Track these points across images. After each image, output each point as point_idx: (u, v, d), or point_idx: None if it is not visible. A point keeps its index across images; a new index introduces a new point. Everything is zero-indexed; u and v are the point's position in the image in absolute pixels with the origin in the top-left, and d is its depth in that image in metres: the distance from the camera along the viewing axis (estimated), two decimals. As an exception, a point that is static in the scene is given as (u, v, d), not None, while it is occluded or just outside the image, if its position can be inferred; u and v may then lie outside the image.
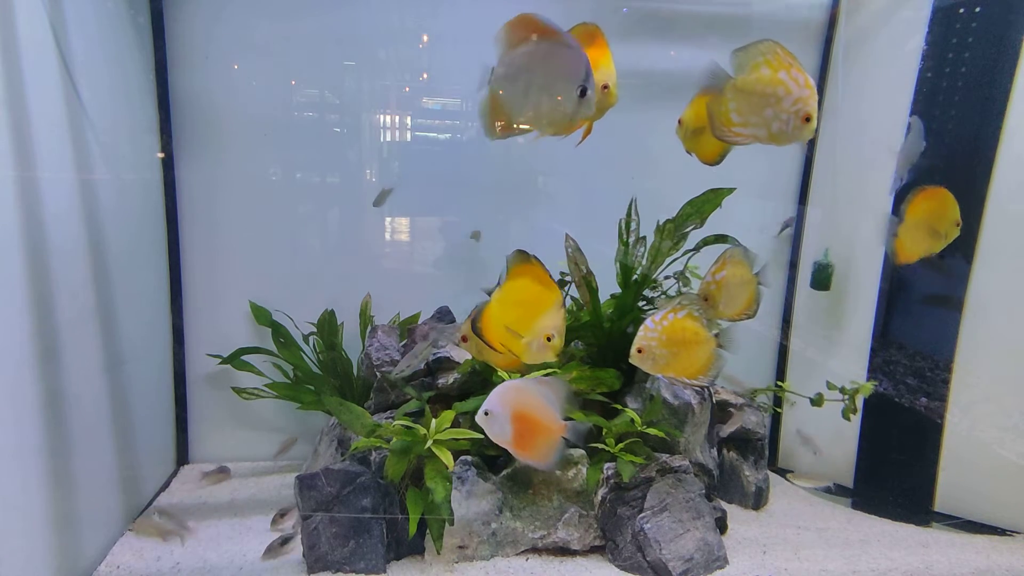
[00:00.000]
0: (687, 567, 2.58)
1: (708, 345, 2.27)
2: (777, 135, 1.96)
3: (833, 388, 3.19)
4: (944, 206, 2.46)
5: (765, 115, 1.94)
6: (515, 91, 1.93)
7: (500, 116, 1.99)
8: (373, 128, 3.53)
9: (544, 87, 1.90)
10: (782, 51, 1.94)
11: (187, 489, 3.31)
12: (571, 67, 1.87)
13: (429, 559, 2.64)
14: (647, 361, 2.25)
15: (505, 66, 1.93)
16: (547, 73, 1.90)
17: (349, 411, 2.84)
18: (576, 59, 1.88)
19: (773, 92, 1.92)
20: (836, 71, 3.60)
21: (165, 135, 3.26)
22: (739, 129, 2.00)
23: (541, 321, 2.04)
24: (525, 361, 2.09)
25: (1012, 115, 2.98)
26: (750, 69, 1.95)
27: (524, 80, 1.91)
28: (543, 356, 2.06)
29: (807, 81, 1.92)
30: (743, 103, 1.97)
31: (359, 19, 3.38)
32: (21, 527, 2.15)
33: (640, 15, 3.56)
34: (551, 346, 2.03)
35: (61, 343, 2.37)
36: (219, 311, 3.50)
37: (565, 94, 1.88)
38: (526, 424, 2.09)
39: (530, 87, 1.91)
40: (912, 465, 3.36)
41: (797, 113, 1.91)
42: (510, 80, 1.92)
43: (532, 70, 1.90)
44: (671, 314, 2.26)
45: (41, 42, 2.31)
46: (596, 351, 3.13)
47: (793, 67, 1.92)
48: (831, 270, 3.53)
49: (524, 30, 1.91)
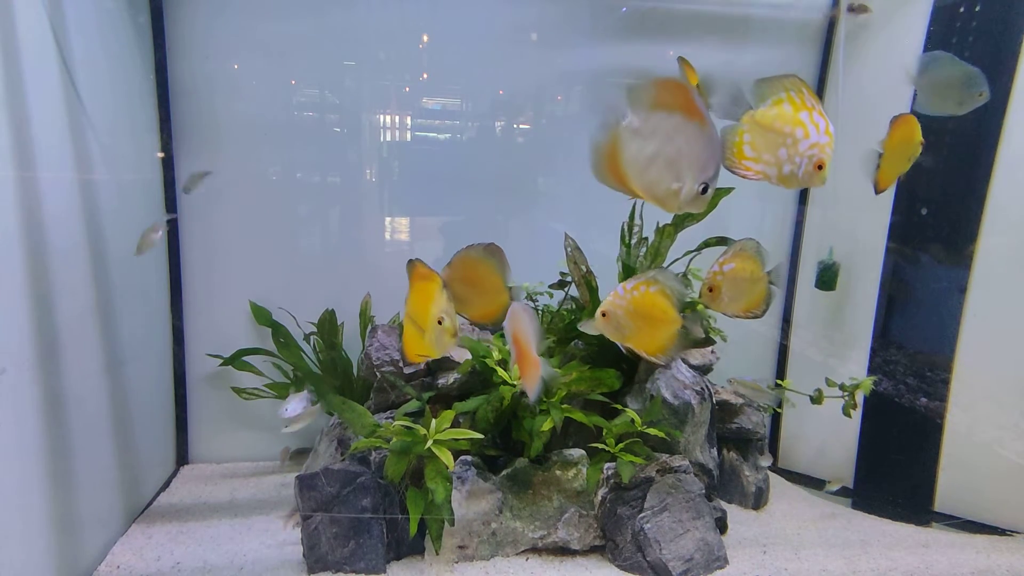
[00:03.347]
0: (687, 567, 2.58)
1: (673, 325, 2.26)
2: (787, 177, 1.91)
3: (832, 385, 3.18)
4: (913, 130, 2.49)
5: (779, 154, 1.89)
6: (640, 155, 1.82)
7: (615, 166, 1.89)
8: (373, 128, 3.53)
9: (671, 166, 1.80)
10: (807, 90, 1.88)
11: (187, 489, 3.31)
12: (704, 159, 1.78)
13: (429, 559, 2.64)
14: (610, 327, 2.24)
15: (641, 124, 1.81)
16: (680, 154, 1.79)
17: (352, 410, 2.84)
18: (713, 152, 1.79)
19: (791, 132, 1.87)
20: (836, 71, 3.60)
21: (165, 135, 3.26)
22: (750, 164, 1.95)
23: (431, 312, 2.12)
24: (435, 353, 2.16)
25: (1012, 115, 2.98)
26: (772, 103, 1.90)
27: (654, 149, 1.80)
28: (443, 341, 2.12)
29: (828, 128, 1.86)
30: (759, 138, 1.92)
31: (359, 19, 3.38)
32: (21, 527, 2.15)
33: (639, 14, 3.56)
34: (445, 329, 2.10)
35: (61, 343, 2.37)
36: (219, 311, 3.49)
37: (687, 183, 1.79)
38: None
39: (657, 159, 1.81)
40: (912, 465, 3.36)
41: (811, 158, 1.86)
42: (641, 140, 1.82)
43: (667, 143, 1.79)
44: (643, 286, 2.23)
45: (41, 42, 2.31)
46: (596, 351, 3.13)
47: (815, 110, 1.86)
48: (836, 270, 3.53)
49: (672, 96, 1.79)
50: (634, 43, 3.57)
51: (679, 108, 1.77)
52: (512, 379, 2.75)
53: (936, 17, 3.16)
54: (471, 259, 2.40)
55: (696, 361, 3.22)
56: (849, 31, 3.53)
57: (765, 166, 1.93)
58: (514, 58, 3.58)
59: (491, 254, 2.40)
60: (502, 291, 2.39)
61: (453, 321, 2.13)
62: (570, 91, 3.70)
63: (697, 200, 1.81)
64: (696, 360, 3.22)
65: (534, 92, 3.64)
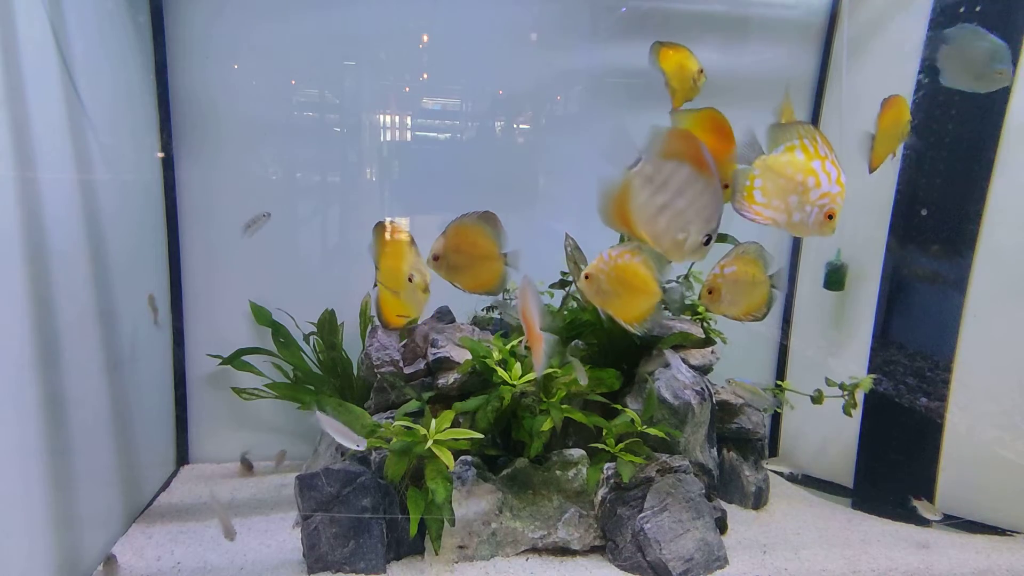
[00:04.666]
0: (687, 567, 2.58)
1: (653, 297, 2.26)
2: (796, 225, 1.91)
3: (832, 384, 3.17)
4: (902, 111, 2.51)
5: (789, 201, 1.90)
6: (651, 204, 1.87)
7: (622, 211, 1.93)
8: (373, 128, 3.53)
9: (678, 217, 1.85)
10: (821, 138, 1.88)
11: (187, 489, 3.31)
12: (710, 212, 1.83)
13: (429, 559, 2.64)
14: (592, 289, 2.24)
15: (653, 172, 1.86)
16: (687, 205, 1.84)
17: (348, 412, 2.84)
18: (718, 205, 1.84)
19: (803, 180, 1.87)
20: (836, 71, 3.60)
21: (165, 135, 3.26)
22: (760, 209, 1.95)
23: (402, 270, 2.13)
24: (413, 312, 2.17)
25: (1012, 115, 2.98)
26: (785, 149, 1.91)
27: (664, 200, 1.85)
28: (417, 298, 2.12)
29: (839, 177, 1.87)
30: (770, 183, 1.92)
31: (359, 19, 3.38)
32: (22, 527, 2.16)
33: (639, 14, 3.56)
34: (417, 284, 2.11)
35: (62, 344, 2.37)
36: (219, 311, 3.49)
37: (692, 234, 1.84)
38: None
39: (666, 210, 1.85)
40: (912, 465, 3.36)
41: (822, 208, 1.87)
42: (652, 189, 1.86)
43: (678, 196, 1.84)
44: (627, 255, 2.24)
45: (41, 42, 2.31)
46: (596, 351, 3.13)
47: (828, 159, 1.87)
48: (845, 271, 3.53)
49: (685, 148, 1.84)
50: (634, 43, 3.57)
51: (691, 160, 1.81)
52: (512, 379, 2.75)
53: (936, 17, 3.16)
54: (465, 227, 2.35)
55: (696, 361, 3.21)
56: (849, 31, 3.53)
57: (774, 212, 1.94)
58: (514, 58, 3.58)
59: (485, 220, 2.36)
60: (495, 257, 2.35)
61: (424, 276, 2.10)
62: (570, 91, 3.70)
63: (700, 250, 1.86)
64: (696, 360, 3.22)
65: (534, 92, 3.64)
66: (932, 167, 3.21)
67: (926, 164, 3.23)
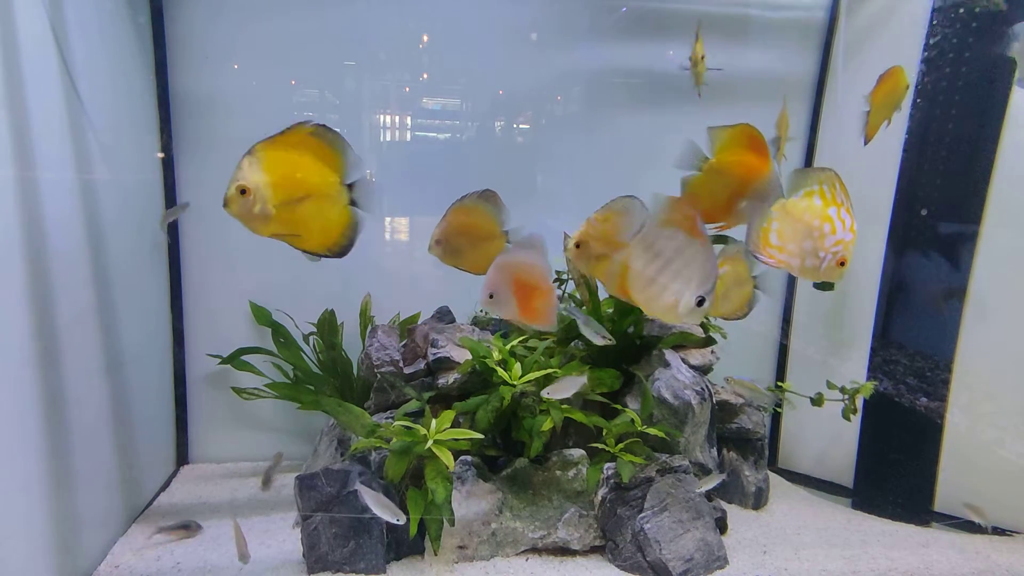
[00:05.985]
0: (687, 567, 2.58)
1: None
2: (808, 270, 1.95)
3: (833, 388, 3.18)
4: (899, 81, 2.51)
5: (804, 246, 1.93)
6: (646, 270, 1.95)
7: (622, 279, 2.01)
8: (373, 128, 3.53)
9: (674, 278, 1.92)
10: (840, 186, 1.91)
11: (187, 489, 3.31)
12: (703, 276, 1.89)
13: (429, 559, 2.64)
14: (583, 258, 2.25)
15: (652, 238, 1.94)
16: (682, 268, 1.92)
17: (348, 412, 2.84)
18: (711, 269, 1.91)
19: (819, 227, 1.91)
20: (836, 71, 3.60)
21: (165, 135, 3.26)
22: (774, 252, 1.98)
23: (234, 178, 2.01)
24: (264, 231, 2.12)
25: (1012, 115, 2.98)
26: (804, 195, 1.94)
27: (661, 262, 1.93)
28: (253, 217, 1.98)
29: (852, 225, 1.91)
30: (787, 227, 1.96)
31: (359, 19, 3.38)
32: (22, 527, 2.15)
33: (639, 14, 3.56)
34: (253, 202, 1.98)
35: (61, 344, 2.37)
36: (219, 311, 3.49)
37: (684, 296, 1.91)
38: (526, 291, 2.18)
39: (662, 272, 1.93)
40: (912, 465, 3.36)
41: (835, 255, 1.91)
42: (649, 256, 1.95)
43: (673, 258, 1.92)
44: (614, 216, 2.25)
45: (41, 42, 2.31)
46: (596, 351, 3.13)
47: (844, 206, 1.91)
48: None
49: (680, 216, 1.93)
50: (634, 43, 3.57)
51: (685, 227, 1.90)
52: (512, 379, 2.75)
53: (936, 17, 3.16)
54: (464, 208, 2.33)
55: (696, 361, 3.22)
56: (849, 31, 3.53)
57: (788, 256, 1.97)
58: (514, 58, 3.58)
59: (485, 200, 2.35)
60: (497, 236, 2.33)
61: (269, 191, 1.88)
62: (570, 91, 3.70)
63: (694, 313, 1.91)
64: (696, 360, 3.22)
65: (534, 92, 3.64)
66: (932, 167, 3.21)
67: (926, 164, 3.23)
